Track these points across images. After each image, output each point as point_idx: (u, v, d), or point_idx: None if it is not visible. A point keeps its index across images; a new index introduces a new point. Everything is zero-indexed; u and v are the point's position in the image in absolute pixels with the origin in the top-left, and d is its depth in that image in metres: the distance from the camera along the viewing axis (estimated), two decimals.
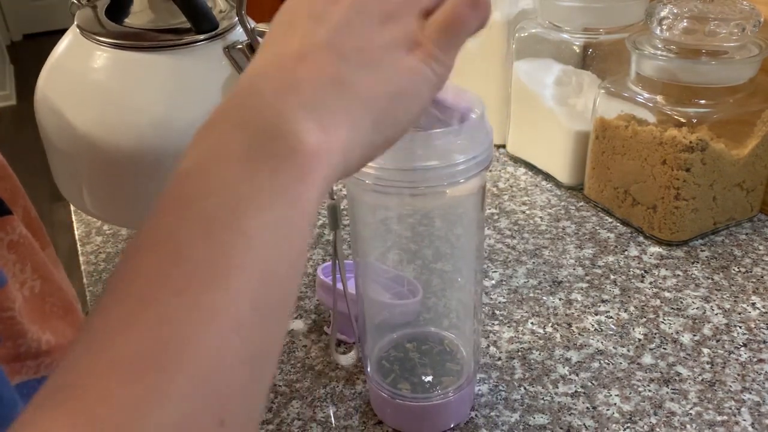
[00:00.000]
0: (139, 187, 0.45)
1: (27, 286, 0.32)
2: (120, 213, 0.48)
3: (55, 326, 0.32)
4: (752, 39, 0.58)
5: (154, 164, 0.43)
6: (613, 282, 0.57)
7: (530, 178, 0.74)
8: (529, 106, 0.72)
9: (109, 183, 0.46)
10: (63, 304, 0.33)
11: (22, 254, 0.32)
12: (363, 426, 0.45)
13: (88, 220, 0.70)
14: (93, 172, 0.46)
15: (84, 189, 0.47)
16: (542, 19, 0.69)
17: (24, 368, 0.30)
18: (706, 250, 0.61)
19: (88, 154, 0.45)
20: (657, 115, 0.59)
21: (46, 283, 0.33)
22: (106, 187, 0.47)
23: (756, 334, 0.51)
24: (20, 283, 0.32)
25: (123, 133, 0.43)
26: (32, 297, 0.32)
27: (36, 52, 4.26)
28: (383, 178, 0.37)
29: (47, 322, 0.32)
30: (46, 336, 0.31)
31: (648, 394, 0.47)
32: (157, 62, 0.45)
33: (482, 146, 0.37)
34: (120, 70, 0.45)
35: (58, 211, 2.38)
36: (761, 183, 0.63)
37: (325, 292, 0.51)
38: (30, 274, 0.32)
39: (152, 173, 0.44)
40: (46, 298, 0.33)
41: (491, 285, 0.58)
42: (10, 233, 0.31)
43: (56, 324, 0.33)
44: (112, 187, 0.46)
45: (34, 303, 0.32)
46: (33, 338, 0.31)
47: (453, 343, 0.47)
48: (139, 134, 0.43)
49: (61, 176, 0.50)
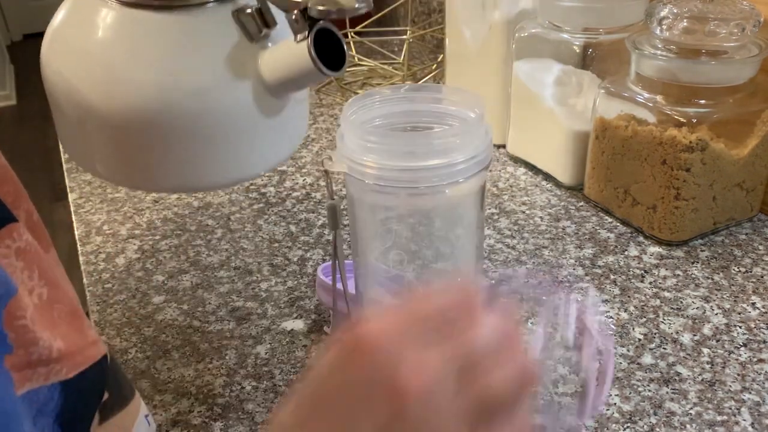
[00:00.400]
0: (147, 149, 0.45)
1: (35, 293, 0.32)
2: (130, 175, 0.48)
3: (64, 333, 0.32)
4: (752, 39, 0.58)
5: (160, 126, 0.43)
6: (613, 282, 0.57)
7: (530, 178, 0.74)
8: (529, 106, 0.72)
9: (117, 146, 0.46)
10: (70, 310, 0.33)
11: (29, 261, 0.32)
12: None
13: (88, 219, 0.70)
14: (101, 135, 0.46)
15: (93, 152, 0.47)
16: (542, 19, 0.69)
17: (35, 375, 0.30)
18: (706, 250, 0.61)
19: (95, 117, 0.44)
20: (657, 115, 0.59)
21: (53, 289, 0.33)
22: (115, 150, 0.46)
23: (756, 334, 0.51)
24: (29, 290, 0.32)
25: (129, 95, 0.43)
26: (41, 304, 0.32)
27: (36, 52, 4.25)
28: (383, 177, 0.37)
29: (57, 329, 0.32)
30: (57, 343, 0.31)
31: (648, 394, 0.47)
32: (165, 22, 0.44)
33: (482, 146, 0.37)
34: (127, 30, 0.44)
35: (58, 211, 2.38)
36: (761, 183, 0.63)
37: (325, 292, 0.51)
38: (38, 281, 0.32)
39: (159, 135, 0.44)
40: (54, 304, 0.33)
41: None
42: (17, 240, 0.31)
43: (65, 330, 0.32)
44: (121, 150, 0.46)
45: (43, 310, 0.32)
46: (45, 345, 0.30)
47: None
48: (146, 96, 0.43)
49: (69, 140, 0.49)
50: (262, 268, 0.62)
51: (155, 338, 0.54)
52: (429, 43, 1.15)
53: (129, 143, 0.45)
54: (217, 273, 0.61)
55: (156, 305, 0.58)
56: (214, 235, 0.67)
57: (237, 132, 0.44)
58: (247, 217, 0.70)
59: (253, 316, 0.56)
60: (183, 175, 0.45)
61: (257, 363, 0.51)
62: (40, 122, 3.19)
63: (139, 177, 0.48)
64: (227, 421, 0.46)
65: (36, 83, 0.52)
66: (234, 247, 0.65)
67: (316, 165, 0.79)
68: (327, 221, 0.67)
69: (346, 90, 0.99)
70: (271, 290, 0.59)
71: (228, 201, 0.73)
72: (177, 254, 0.64)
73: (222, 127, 0.43)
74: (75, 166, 0.82)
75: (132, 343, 0.54)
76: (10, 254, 0.31)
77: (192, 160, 0.44)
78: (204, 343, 0.53)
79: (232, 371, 0.50)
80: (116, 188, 0.76)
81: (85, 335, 0.33)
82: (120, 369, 0.35)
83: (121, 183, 0.54)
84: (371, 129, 0.40)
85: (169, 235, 0.67)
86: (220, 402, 0.48)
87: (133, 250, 0.65)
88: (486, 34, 0.76)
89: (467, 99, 0.40)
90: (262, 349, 0.52)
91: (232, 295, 0.58)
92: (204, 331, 0.54)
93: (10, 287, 0.29)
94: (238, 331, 0.54)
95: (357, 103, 0.41)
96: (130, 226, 0.69)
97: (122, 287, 0.60)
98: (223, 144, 0.44)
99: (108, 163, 0.47)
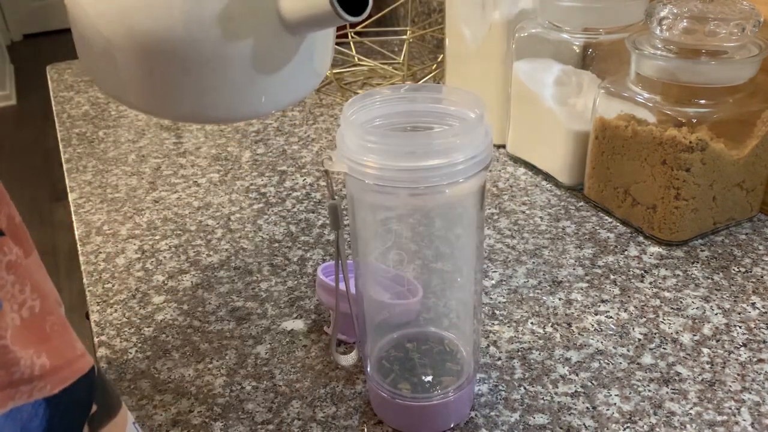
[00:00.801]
0: (171, 75, 0.45)
1: (27, 307, 0.31)
2: (158, 103, 0.48)
3: (54, 346, 0.32)
4: (752, 39, 0.58)
5: (184, 52, 0.43)
6: (612, 282, 0.57)
7: (530, 178, 0.74)
8: (529, 106, 0.72)
9: (142, 74, 0.45)
10: (61, 321, 0.33)
11: (21, 274, 0.31)
12: (363, 426, 0.45)
13: (88, 219, 0.70)
14: (125, 63, 0.45)
15: (120, 81, 0.47)
16: (542, 19, 0.69)
17: (18, 393, 0.30)
18: (706, 250, 0.61)
19: (121, 43, 0.44)
20: (657, 115, 0.59)
21: (45, 300, 0.32)
22: (140, 78, 0.46)
23: (756, 334, 0.51)
24: (19, 304, 0.31)
25: (153, 19, 0.43)
26: (32, 318, 0.31)
27: (36, 52, 4.27)
28: (383, 177, 0.37)
29: (46, 343, 0.32)
30: (41, 360, 0.31)
31: (648, 394, 0.47)
32: None
33: (482, 146, 0.37)
34: None
35: (58, 211, 2.38)
36: (761, 183, 0.63)
37: (325, 292, 0.51)
38: (30, 293, 0.32)
39: (181, 62, 0.43)
40: (46, 317, 0.32)
41: (491, 285, 0.58)
42: (8, 254, 0.31)
43: (56, 343, 0.32)
44: (148, 78, 0.46)
45: (34, 324, 0.31)
46: (26, 365, 0.30)
47: (453, 343, 0.47)
48: (170, 21, 0.42)
49: (95, 68, 0.49)
50: (262, 268, 0.62)
51: (155, 338, 0.54)
52: (429, 43, 1.15)
53: (151, 69, 0.44)
54: (217, 273, 0.61)
55: (156, 305, 0.58)
56: (214, 235, 0.67)
57: (257, 63, 0.44)
58: (247, 217, 0.70)
59: (253, 316, 0.56)
60: (201, 104, 0.45)
61: (257, 363, 0.51)
62: (40, 122, 3.19)
63: (165, 104, 0.47)
64: (227, 421, 0.46)
65: (36, 83, 0.51)
66: (234, 247, 0.65)
67: (316, 165, 0.79)
68: (328, 221, 0.67)
69: (346, 90, 0.99)
70: (271, 290, 0.59)
71: (228, 201, 0.73)
72: (177, 254, 0.64)
73: (242, 58, 0.43)
74: (75, 166, 0.82)
75: (132, 343, 0.54)
76: (1, 268, 0.30)
77: (210, 89, 0.44)
78: (204, 343, 0.53)
79: (232, 371, 0.50)
80: (116, 188, 0.76)
81: (73, 348, 0.33)
82: (107, 379, 0.35)
83: (153, 112, 0.53)
84: (371, 129, 0.40)
85: (169, 235, 0.67)
86: (220, 402, 0.48)
87: (133, 250, 0.65)
88: (486, 34, 0.76)
89: (467, 99, 0.40)
90: (262, 349, 0.52)
91: (232, 295, 0.58)
92: (204, 331, 0.54)
93: None
94: (238, 331, 0.54)
95: (357, 103, 0.41)
96: (130, 226, 0.69)
97: (122, 287, 0.60)
98: (242, 75, 0.44)
99: (132, 90, 0.47)
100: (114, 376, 0.50)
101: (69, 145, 0.88)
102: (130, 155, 0.84)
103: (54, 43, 4.23)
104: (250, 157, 0.82)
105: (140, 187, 0.76)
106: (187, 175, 0.79)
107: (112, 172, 0.80)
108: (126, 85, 0.47)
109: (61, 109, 1.00)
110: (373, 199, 0.40)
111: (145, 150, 0.85)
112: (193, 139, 0.88)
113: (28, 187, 2.22)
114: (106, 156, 0.84)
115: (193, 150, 0.85)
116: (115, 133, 0.91)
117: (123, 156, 0.84)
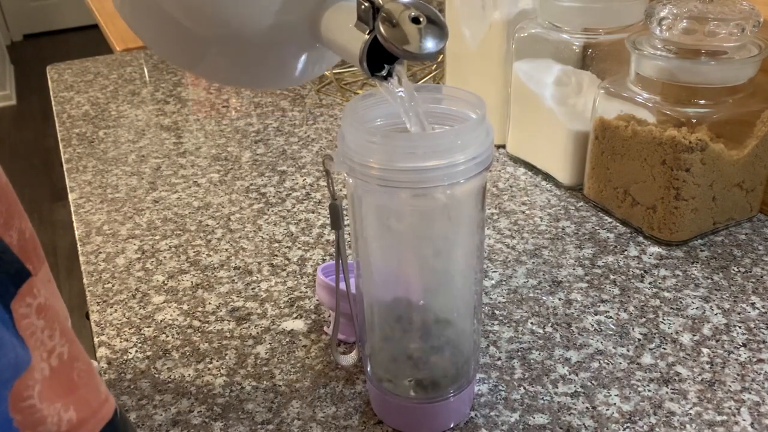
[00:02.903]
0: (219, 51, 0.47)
1: (56, 354, 0.30)
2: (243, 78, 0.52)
3: (81, 396, 0.31)
4: (752, 39, 0.58)
5: (228, 30, 0.44)
6: (612, 282, 0.57)
7: (530, 178, 0.74)
8: (529, 106, 0.72)
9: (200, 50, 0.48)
10: (87, 365, 0.32)
11: (50, 318, 0.30)
12: (363, 426, 0.45)
13: (88, 219, 0.70)
14: (179, 42, 0.48)
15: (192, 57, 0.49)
16: (542, 19, 0.69)
17: None
18: (706, 250, 0.61)
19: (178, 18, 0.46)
20: (657, 116, 0.59)
21: (73, 345, 0.31)
22: (180, 41, 0.48)
23: (756, 334, 0.51)
24: (48, 351, 0.30)
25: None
26: (60, 366, 0.30)
27: (36, 52, 4.26)
28: (383, 178, 0.37)
29: (74, 393, 0.31)
30: (68, 414, 0.30)
31: (648, 394, 0.47)
32: None
33: (483, 146, 0.37)
34: None
35: (58, 211, 2.38)
36: (761, 183, 0.63)
37: (325, 292, 0.51)
38: (59, 339, 0.30)
39: (227, 39, 0.45)
40: (74, 363, 0.31)
41: (491, 285, 0.58)
42: (37, 296, 0.29)
43: (83, 392, 0.31)
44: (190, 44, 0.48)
45: (63, 373, 0.30)
46: (53, 422, 0.29)
47: (453, 343, 0.47)
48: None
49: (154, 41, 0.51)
50: (262, 268, 0.62)
51: (155, 338, 0.54)
52: None
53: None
54: (217, 273, 0.61)
55: (156, 305, 0.58)
56: (214, 235, 0.67)
57: (289, 49, 0.45)
58: (247, 217, 0.70)
59: (253, 316, 0.56)
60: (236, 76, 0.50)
61: (257, 363, 0.51)
62: (40, 122, 3.19)
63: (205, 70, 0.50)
64: (227, 421, 0.46)
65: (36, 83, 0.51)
66: (234, 247, 0.65)
67: (316, 165, 0.79)
68: (329, 221, 0.67)
69: (346, 90, 0.99)
70: (271, 290, 0.59)
71: (228, 201, 0.73)
72: (177, 254, 0.64)
73: (276, 44, 0.45)
74: (75, 166, 0.82)
75: (132, 343, 0.54)
76: (31, 313, 0.29)
77: (245, 65, 0.47)
78: (204, 343, 0.53)
79: (232, 371, 0.50)
80: (116, 188, 0.76)
81: (98, 392, 0.32)
82: (126, 418, 0.34)
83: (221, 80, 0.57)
84: (372, 129, 0.40)
85: (169, 235, 0.67)
86: (220, 402, 0.48)
87: (133, 250, 0.65)
88: (486, 34, 0.76)
89: (468, 99, 0.40)
90: (262, 349, 0.52)
91: (232, 295, 0.58)
92: (204, 331, 0.54)
93: (19, 364, 0.27)
94: (238, 331, 0.54)
95: (358, 103, 0.41)
96: (130, 226, 0.69)
97: (122, 287, 0.60)
98: (274, 57, 0.46)
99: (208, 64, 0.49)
100: (114, 376, 0.50)
101: (69, 145, 0.88)
102: (130, 155, 0.84)
103: (54, 43, 4.23)
104: (250, 157, 0.82)
105: (140, 187, 0.76)
106: (187, 175, 0.79)
107: (112, 172, 0.80)
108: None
109: (61, 109, 1.00)
110: (374, 199, 0.40)
111: (145, 150, 0.85)
112: (193, 139, 0.88)
113: (28, 187, 2.22)
114: (106, 156, 0.84)
115: (193, 150, 0.85)
116: (115, 133, 0.91)
117: (123, 156, 0.84)
